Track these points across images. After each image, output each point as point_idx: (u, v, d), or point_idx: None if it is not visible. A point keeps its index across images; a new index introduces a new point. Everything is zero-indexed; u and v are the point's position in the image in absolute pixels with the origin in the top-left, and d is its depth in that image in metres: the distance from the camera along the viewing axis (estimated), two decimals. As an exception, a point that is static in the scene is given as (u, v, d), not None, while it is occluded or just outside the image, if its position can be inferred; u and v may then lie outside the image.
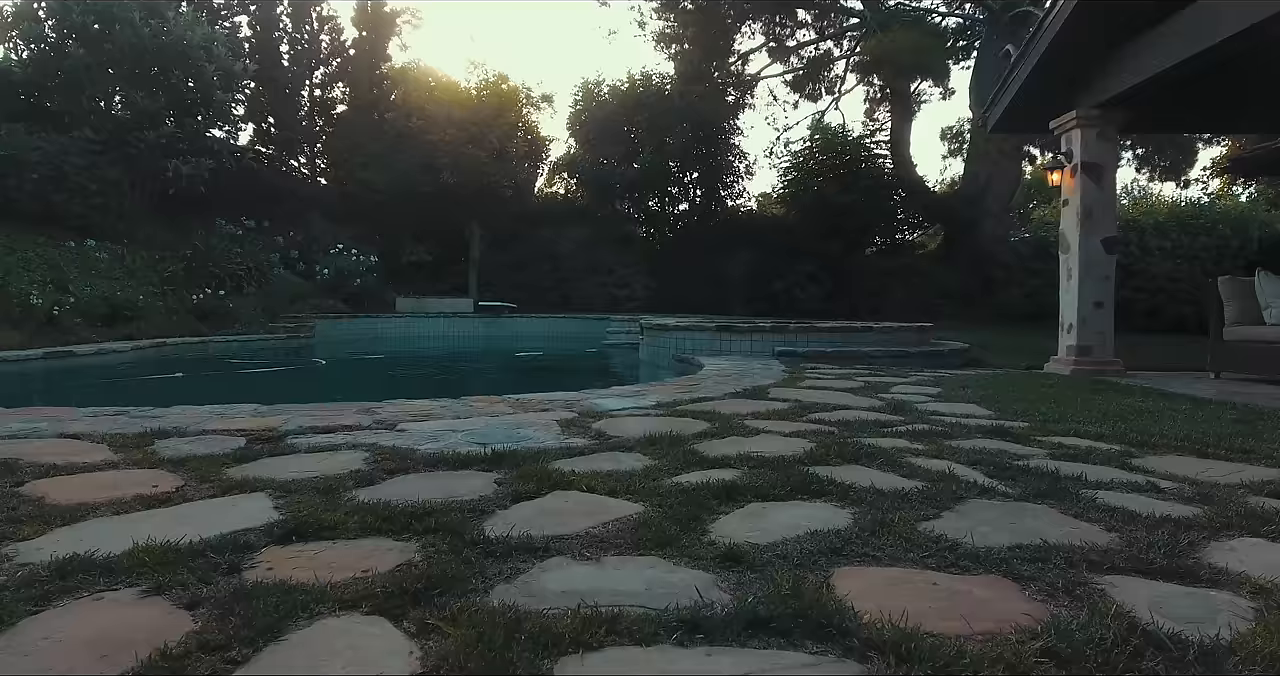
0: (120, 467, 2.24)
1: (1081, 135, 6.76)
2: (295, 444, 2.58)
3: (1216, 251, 14.38)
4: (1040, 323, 14.95)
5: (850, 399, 4.07)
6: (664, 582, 1.33)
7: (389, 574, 1.34)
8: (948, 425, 3.21)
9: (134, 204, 13.94)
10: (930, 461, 2.40)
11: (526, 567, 1.40)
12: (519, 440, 2.69)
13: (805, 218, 18.16)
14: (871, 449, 2.53)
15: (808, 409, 3.63)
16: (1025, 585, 1.34)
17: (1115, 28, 6.13)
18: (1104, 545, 1.56)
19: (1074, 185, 6.85)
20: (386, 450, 2.46)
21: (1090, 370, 6.60)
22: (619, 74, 19.07)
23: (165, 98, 14.00)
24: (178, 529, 1.57)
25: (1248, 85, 6.72)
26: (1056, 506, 1.88)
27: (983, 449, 2.65)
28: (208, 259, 13.72)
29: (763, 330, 7.25)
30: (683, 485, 2.01)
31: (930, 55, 14.54)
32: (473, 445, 2.56)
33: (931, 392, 4.52)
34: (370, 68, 19.17)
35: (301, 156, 19.40)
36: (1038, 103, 7.20)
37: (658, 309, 16.71)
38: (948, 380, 5.35)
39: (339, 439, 2.67)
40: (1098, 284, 6.77)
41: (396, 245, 17.57)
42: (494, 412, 3.32)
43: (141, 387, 5.91)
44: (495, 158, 17.05)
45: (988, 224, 17.38)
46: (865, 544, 1.54)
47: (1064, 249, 7.04)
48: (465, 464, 2.28)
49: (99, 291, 10.97)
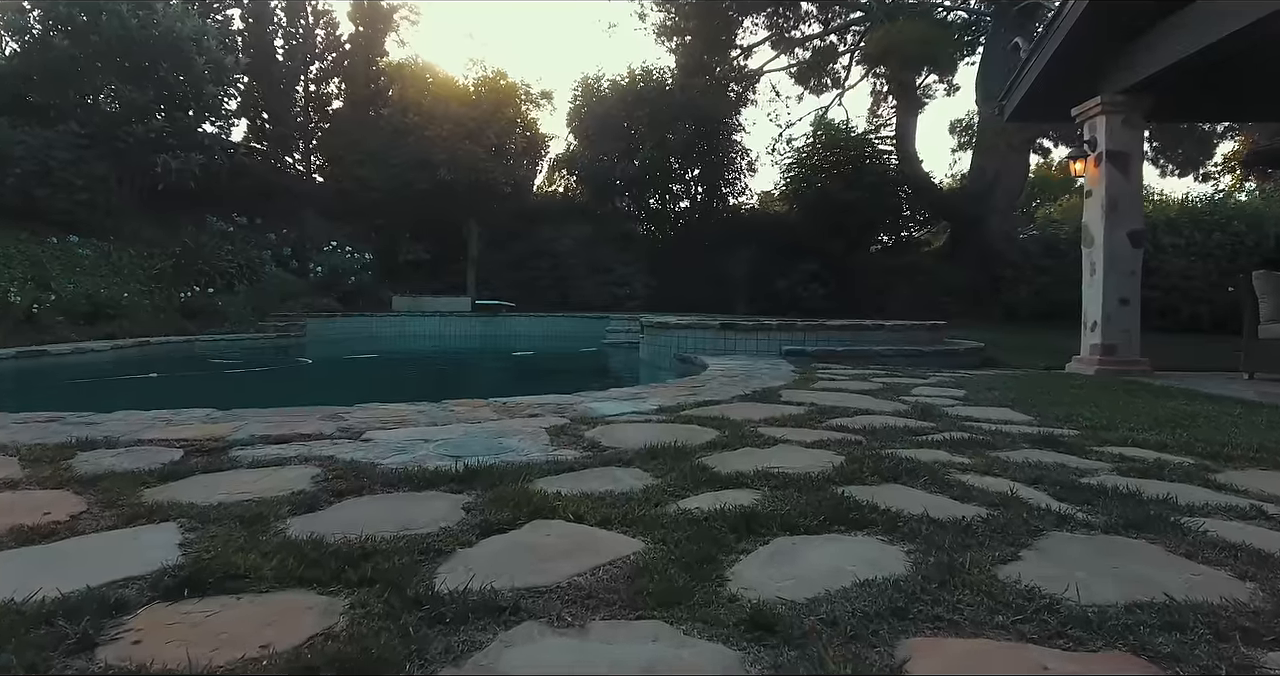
0: (20, 487, 1.88)
1: (1106, 122, 6.39)
2: (238, 457, 2.22)
3: (1231, 248, 13.98)
4: (1050, 322, 14.58)
5: (871, 402, 3.71)
6: (671, 664, 0.97)
7: (294, 653, 0.98)
8: (987, 432, 2.84)
9: (122, 200, 13.57)
10: (983, 479, 2.03)
11: (484, 640, 1.03)
12: (500, 452, 2.32)
13: (808, 215, 17.79)
14: (911, 463, 2.16)
15: (826, 413, 3.26)
16: (1168, 668, 0.98)
17: (1144, 7, 5.76)
18: (1249, 603, 1.19)
19: (1098, 175, 6.48)
20: (342, 465, 2.09)
21: (1115, 370, 6.23)
22: (619, 69, 18.68)
23: (154, 91, 13.63)
24: (40, 577, 1.20)
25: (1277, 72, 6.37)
26: (1158, 541, 1.51)
27: (1037, 462, 2.28)
28: (197, 256, 13.34)
29: (769, 328, 6.88)
30: (692, 513, 1.64)
31: (938, 46, 14.15)
32: (445, 458, 2.20)
33: (956, 395, 4.15)
34: (367, 63, 18.80)
35: (296, 153, 19.01)
36: (1059, 89, 6.83)
37: (658, 308, 16.35)
38: (969, 381, 4.99)
39: (291, 450, 2.31)
40: (1123, 279, 6.40)
41: (393, 243, 17.20)
42: (476, 418, 2.96)
43: (107, 389, 5.55)
44: (493, 154, 16.68)
45: (995, 220, 16.99)
46: (935, 600, 1.17)
47: (1087, 243, 6.66)
48: (431, 482, 1.92)
49: (82, 289, 10.61)
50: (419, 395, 5.75)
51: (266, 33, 17.81)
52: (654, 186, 18.94)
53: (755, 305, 16.46)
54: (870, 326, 7.00)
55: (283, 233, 16.04)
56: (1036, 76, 6.90)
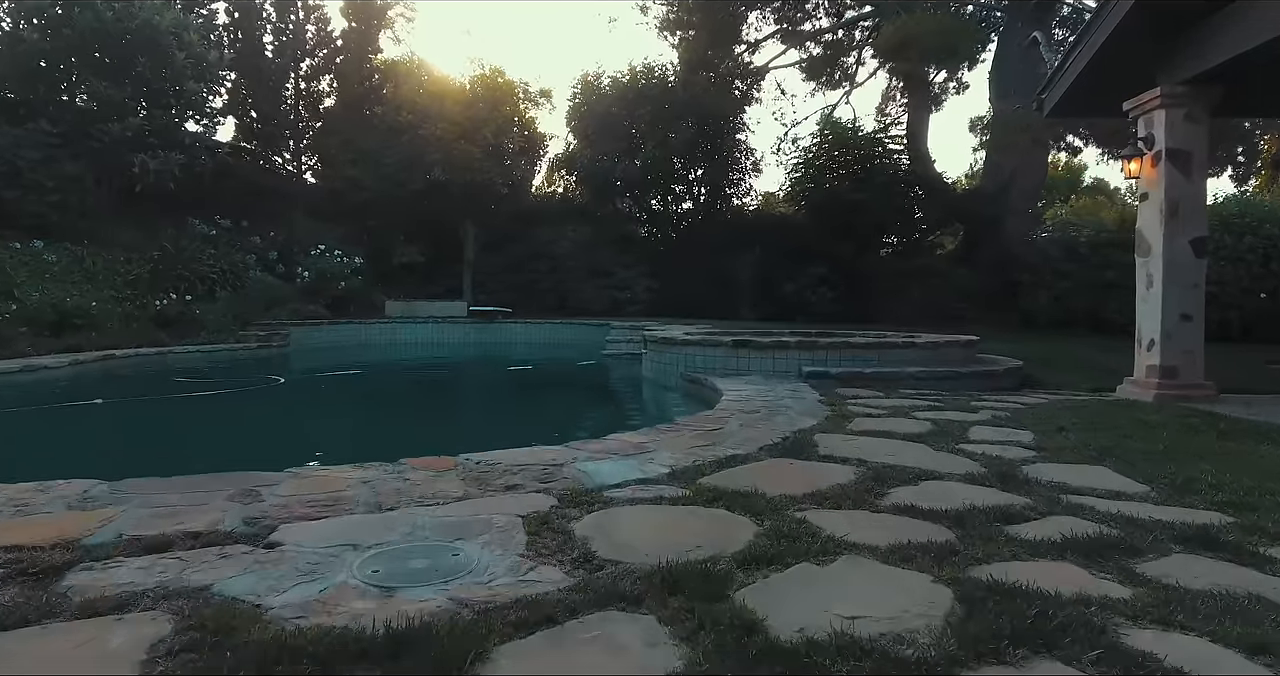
0: None
1: (1166, 116, 5.69)
2: (73, 588, 1.53)
3: (1263, 252, 13.30)
4: (1070, 330, 13.91)
5: (928, 456, 3.02)
6: None
7: None
8: (1107, 518, 2.15)
9: (98, 202, 12.90)
10: (1170, 639, 1.34)
11: None
12: (452, 575, 1.63)
13: (816, 217, 17.12)
14: (1043, 599, 1.47)
15: (882, 479, 2.58)
16: None
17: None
18: None
19: (1156, 176, 5.78)
20: (210, 613, 1.40)
21: (1176, 395, 5.55)
22: (620, 66, 17.93)
23: (132, 87, 12.95)
24: None
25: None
26: None
27: (1222, 589, 1.59)
28: (176, 261, 12.68)
29: (786, 346, 6.18)
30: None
31: (959, 37, 13.44)
32: (370, 591, 1.52)
33: (1024, 441, 3.46)
34: (360, 60, 18.14)
35: (286, 152, 18.33)
36: (1107, 81, 6.15)
37: (660, 312, 15.69)
38: (1028, 417, 4.29)
39: (155, 572, 1.62)
40: (1185, 293, 5.71)
41: (387, 245, 16.54)
42: (435, 496, 2.27)
43: (28, 425, 4.83)
44: (490, 154, 15.99)
45: (1011, 222, 16.30)
46: None
47: (1142, 251, 5.97)
48: (332, 658, 1.24)
49: (49, 297, 9.93)
50: (388, 429, 5.08)
51: (255, 28, 17.14)
52: (656, 187, 18.27)
53: (761, 310, 15.79)
54: (899, 344, 6.30)
55: (270, 235, 15.37)
56: (1083, 68, 6.21)
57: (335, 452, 4.11)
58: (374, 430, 5.10)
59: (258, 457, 3.61)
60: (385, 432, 4.95)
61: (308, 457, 4.01)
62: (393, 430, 5.03)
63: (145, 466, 3.74)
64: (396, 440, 4.59)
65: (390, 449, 4.17)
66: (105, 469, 2.57)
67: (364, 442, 4.63)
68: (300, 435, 4.53)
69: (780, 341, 6.27)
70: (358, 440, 4.74)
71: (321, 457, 3.82)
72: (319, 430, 4.96)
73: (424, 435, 4.72)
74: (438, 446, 4.24)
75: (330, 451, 4.14)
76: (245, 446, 4.07)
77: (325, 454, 4.01)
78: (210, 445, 4.24)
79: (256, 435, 4.45)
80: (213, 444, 4.29)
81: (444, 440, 4.68)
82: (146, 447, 4.02)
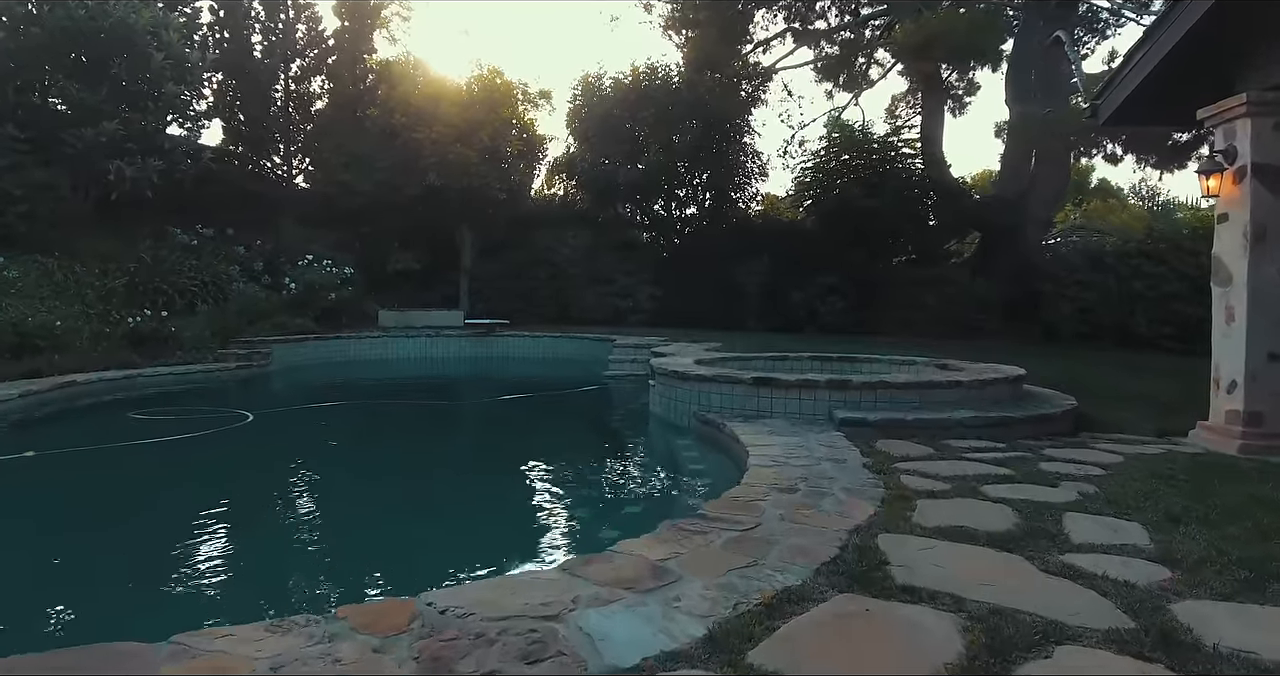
0: None
1: (1252, 126, 4.96)
2: None
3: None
4: (1095, 345, 13.14)
5: (1035, 579, 2.32)
6: None
7: None
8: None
9: (72, 211, 12.19)
10: None
11: None
12: None
13: (826, 223, 16.45)
14: None
15: (998, 643, 1.88)
16: None
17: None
18: None
19: (1239, 194, 5.06)
20: None
21: (1263, 446, 4.84)
22: (622, 66, 17.31)
23: (107, 90, 12.22)
24: None
25: None
26: None
27: None
28: (154, 273, 11.98)
29: (814, 385, 5.46)
30: None
31: (987, 36, 12.70)
32: None
33: (1140, 544, 2.75)
34: (353, 61, 17.46)
35: (276, 156, 17.61)
36: (1177, 86, 5.44)
37: (664, 322, 15.03)
38: (1117, 490, 3.58)
39: None
40: (1273, 328, 4.98)
41: (381, 252, 15.87)
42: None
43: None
44: (487, 157, 15.28)
45: (1031, 230, 15.58)
46: None
47: (1221, 280, 5.25)
48: None
49: (9, 316, 9.20)
50: (347, 502, 4.48)
51: (242, 27, 16.43)
52: (659, 191, 17.59)
53: (768, 320, 15.12)
54: (942, 383, 5.58)
55: (257, 244, 14.66)
56: (1148, 73, 5.50)
57: (272, 552, 3.46)
58: (330, 505, 4.41)
59: (179, 562, 3.04)
60: (342, 509, 4.27)
61: (238, 557, 3.35)
62: (353, 503, 4.34)
63: (36, 572, 3.07)
64: (352, 522, 3.91)
65: (341, 540, 3.61)
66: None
67: (313, 528, 3.95)
68: (240, 515, 3.85)
69: (806, 380, 5.55)
70: (307, 524, 4.06)
71: (245, 569, 3.19)
72: (264, 505, 4.26)
73: (389, 514, 4.03)
74: (401, 535, 3.68)
75: (266, 550, 3.50)
76: (170, 534, 3.38)
77: (257, 557, 3.38)
78: (130, 532, 3.56)
79: (189, 512, 3.77)
80: (134, 529, 3.61)
81: (412, 522, 4.02)
82: (50, 536, 3.36)
